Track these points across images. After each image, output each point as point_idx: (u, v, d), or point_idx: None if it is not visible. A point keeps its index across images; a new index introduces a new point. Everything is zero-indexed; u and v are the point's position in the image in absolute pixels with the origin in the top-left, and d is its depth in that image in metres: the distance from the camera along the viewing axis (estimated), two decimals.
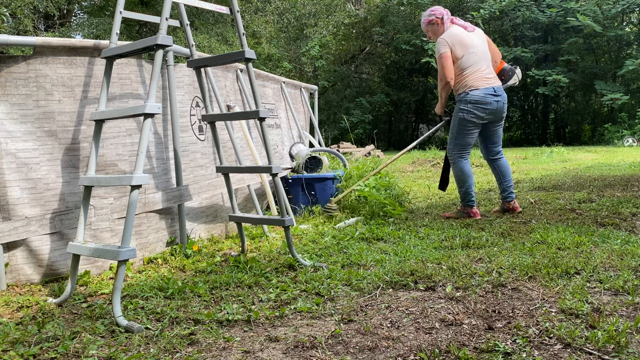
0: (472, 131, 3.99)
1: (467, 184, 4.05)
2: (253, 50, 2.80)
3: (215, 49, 15.00)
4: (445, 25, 4.07)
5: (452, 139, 4.07)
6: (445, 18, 4.07)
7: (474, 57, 3.93)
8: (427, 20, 4.15)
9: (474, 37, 4.01)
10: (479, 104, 3.89)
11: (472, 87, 3.90)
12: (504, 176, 4.21)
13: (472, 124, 3.95)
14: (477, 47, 3.97)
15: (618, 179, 6.28)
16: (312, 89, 6.37)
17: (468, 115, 3.92)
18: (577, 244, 3.03)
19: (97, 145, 2.49)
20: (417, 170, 9.63)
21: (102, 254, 2.22)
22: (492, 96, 3.91)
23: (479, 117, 3.92)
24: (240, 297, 2.33)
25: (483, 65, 3.95)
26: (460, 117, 3.97)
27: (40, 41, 2.58)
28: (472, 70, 3.92)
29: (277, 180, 2.93)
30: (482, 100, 3.89)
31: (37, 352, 1.78)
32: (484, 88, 3.90)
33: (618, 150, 13.31)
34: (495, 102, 3.93)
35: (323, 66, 21.44)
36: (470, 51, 3.92)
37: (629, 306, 2.02)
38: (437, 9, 4.12)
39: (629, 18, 20.92)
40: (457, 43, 3.92)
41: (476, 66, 3.92)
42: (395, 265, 2.71)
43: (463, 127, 3.97)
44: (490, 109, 3.92)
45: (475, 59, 3.93)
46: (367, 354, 1.72)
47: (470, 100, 3.90)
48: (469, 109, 3.91)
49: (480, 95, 3.89)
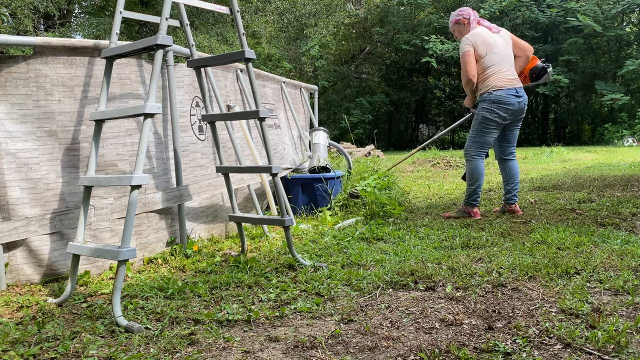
0: (492, 131, 4.02)
1: (478, 182, 4.08)
2: (253, 50, 2.80)
3: (215, 49, 15.00)
4: (472, 26, 4.12)
5: (472, 136, 4.10)
6: (472, 19, 4.13)
7: (496, 57, 3.96)
8: (454, 20, 4.20)
9: (498, 37, 4.05)
10: (501, 104, 3.92)
11: (495, 87, 3.93)
12: (512, 178, 4.22)
13: (494, 123, 3.97)
14: (500, 48, 4.01)
15: (618, 179, 6.28)
16: (312, 89, 6.37)
17: (491, 114, 3.95)
18: (577, 244, 3.03)
19: (97, 145, 2.49)
20: (417, 170, 9.63)
21: (102, 254, 2.22)
22: (514, 97, 3.94)
23: (501, 117, 3.95)
24: (240, 297, 2.33)
25: (505, 66, 3.98)
26: (482, 115, 3.99)
27: (40, 41, 2.58)
28: (495, 70, 3.95)
29: (277, 180, 2.93)
30: (505, 100, 3.92)
31: (37, 352, 1.78)
32: (506, 88, 3.93)
33: (618, 150, 13.31)
34: (517, 102, 3.96)
35: (323, 66, 21.45)
36: (493, 51, 3.96)
37: (629, 306, 2.02)
38: (465, 10, 4.19)
39: (629, 18, 20.92)
40: (480, 42, 3.97)
41: (498, 66, 3.96)
42: (395, 265, 2.71)
43: (485, 125, 4.00)
44: (512, 109, 3.95)
45: (498, 59, 3.97)
46: (367, 354, 1.72)
47: (494, 100, 3.93)
48: (492, 108, 3.94)
49: (503, 95, 3.92)
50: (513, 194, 4.21)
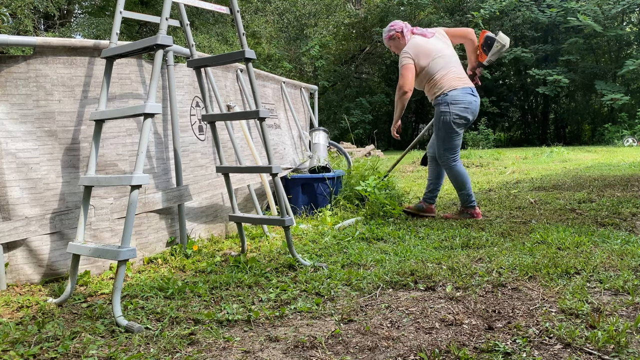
0: (459, 132, 3.91)
1: (468, 185, 4.01)
2: (253, 50, 2.80)
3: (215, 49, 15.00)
4: (407, 38, 4.03)
5: (441, 144, 3.95)
6: (405, 31, 4.04)
7: (441, 61, 3.88)
8: (388, 36, 4.13)
9: (436, 42, 3.98)
10: (459, 104, 3.83)
11: (450, 88, 3.84)
12: (439, 179, 4.18)
13: (456, 125, 3.86)
14: (442, 51, 3.93)
15: (618, 179, 6.28)
16: (312, 89, 6.37)
17: (451, 116, 3.83)
18: (577, 244, 3.03)
19: (97, 145, 2.49)
20: (417, 170, 9.63)
21: (102, 254, 2.22)
22: (471, 95, 3.87)
23: (461, 117, 3.85)
24: (240, 297, 2.33)
25: (453, 67, 3.90)
26: (443, 120, 3.87)
27: (40, 41, 2.58)
28: (444, 73, 3.87)
29: (277, 180, 2.93)
30: (462, 99, 3.83)
31: (37, 352, 1.78)
32: (461, 87, 3.84)
33: (618, 150, 13.32)
34: (475, 102, 3.89)
35: (323, 66, 21.45)
36: (436, 56, 3.88)
37: (629, 306, 2.02)
38: (396, 24, 4.10)
39: (629, 18, 20.92)
40: (420, 53, 3.88)
41: (446, 68, 3.88)
42: (395, 265, 2.71)
43: (450, 129, 3.88)
44: (471, 108, 3.86)
45: (443, 63, 3.89)
46: (367, 354, 1.72)
47: (451, 101, 3.83)
48: (451, 110, 3.83)
49: (459, 95, 3.83)
50: (435, 194, 4.19)
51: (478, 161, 10.58)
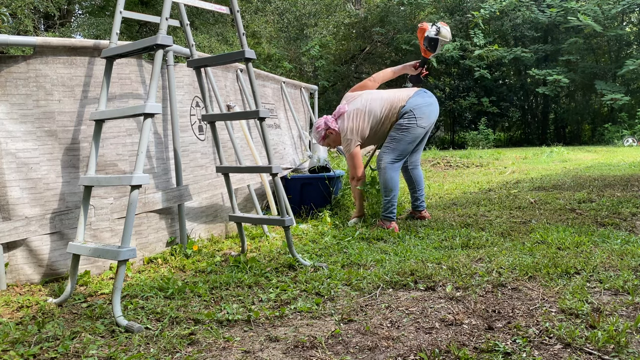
0: (418, 138, 3.82)
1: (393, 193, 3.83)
2: (253, 50, 2.80)
3: (215, 49, 14.99)
4: (335, 128, 3.94)
5: (393, 148, 3.79)
6: (332, 122, 3.95)
7: (372, 113, 3.80)
8: (321, 138, 4.03)
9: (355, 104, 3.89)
10: (423, 106, 3.76)
11: (405, 98, 3.78)
12: (418, 185, 4.12)
13: (421, 128, 3.77)
14: (366, 101, 3.85)
15: (618, 179, 6.28)
16: (312, 89, 6.37)
17: (419, 121, 3.74)
18: (577, 244, 3.02)
19: (97, 145, 2.49)
20: None
21: (102, 254, 2.22)
22: (428, 96, 3.83)
23: (427, 120, 3.78)
24: (240, 297, 2.33)
25: (384, 96, 3.85)
26: (409, 125, 3.75)
27: (40, 41, 2.58)
28: (385, 103, 3.80)
29: (277, 180, 2.93)
30: (423, 103, 3.77)
31: (37, 352, 1.78)
32: (414, 95, 3.79)
33: (618, 150, 13.31)
34: (432, 103, 3.83)
35: (323, 66, 21.43)
36: (368, 119, 3.80)
37: (629, 306, 2.02)
38: (321, 123, 3.99)
39: (629, 18, 20.92)
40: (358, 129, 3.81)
41: (381, 101, 3.82)
42: (395, 265, 2.71)
43: (411, 134, 3.76)
44: (431, 109, 3.80)
45: (376, 104, 3.82)
46: (367, 354, 1.72)
47: (413, 107, 3.75)
48: (416, 114, 3.74)
49: (419, 100, 3.77)
50: (421, 200, 4.13)
51: (478, 161, 10.58)
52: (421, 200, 4.14)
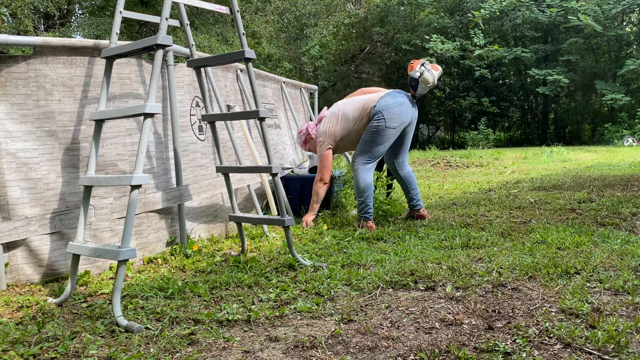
0: (389, 139, 3.79)
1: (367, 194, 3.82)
2: (253, 50, 2.80)
3: (215, 48, 14.99)
4: (314, 134, 4.03)
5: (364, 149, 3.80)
6: (311, 129, 4.06)
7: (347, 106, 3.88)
8: (302, 142, 4.15)
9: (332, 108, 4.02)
10: (393, 107, 3.73)
11: (377, 99, 3.78)
12: (410, 184, 4.10)
13: (391, 129, 3.74)
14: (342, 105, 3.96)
15: (618, 179, 6.28)
16: (312, 89, 6.37)
17: (388, 122, 3.71)
18: (577, 244, 3.03)
19: (97, 145, 2.49)
20: (417, 170, 9.63)
21: (102, 254, 2.22)
22: (401, 96, 3.81)
23: (398, 120, 3.74)
24: (240, 297, 2.33)
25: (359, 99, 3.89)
26: (378, 126, 3.73)
27: (40, 41, 2.58)
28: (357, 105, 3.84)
29: (277, 180, 2.93)
30: (393, 103, 3.75)
31: (37, 352, 1.78)
32: (385, 95, 3.79)
33: (618, 150, 13.31)
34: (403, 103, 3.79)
35: (323, 66, 21.44)
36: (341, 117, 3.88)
37: (629, 306, 2.02)
38: (302, 129, 4.13)
39: (629, 18, 20.93)
40: (330, 132, 3.89)
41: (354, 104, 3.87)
42: (395, 265, 2.71)
43: (381, 135, 3.73)
44: (402, 109, 3.76)
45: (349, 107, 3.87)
46: (367, 353, 1.72)
47: (382, 108, 3.72)
48: (385, 115, 3.71)
49: (389, 100, 3.76)
50: (417, 199, 4.11)
51: (478, 161, 10.58)
52: (417, 200, 4.13)
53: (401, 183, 4.17)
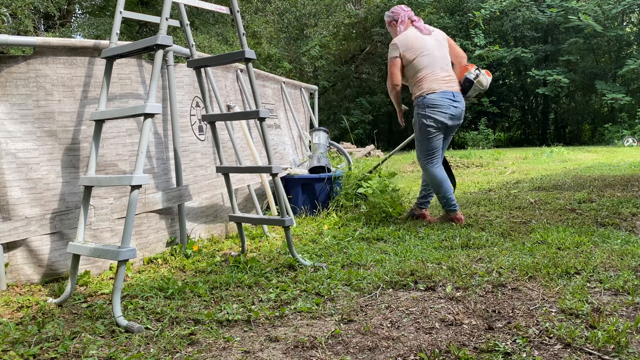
0: (435, 135, 3.79)
1: (443, 188, 3.86)
2: (253, 50, 2.80)
3: (215, 49, 15.00)
4: (399, 29, 3.92)
5: (418, 145, 3.88)
6: (401, 20, 3.92)
7: (427, 59, 3.77)
8: (387, 22, 4.06)
9: (429, 39, 3.85)
10: (436, 108, 3.72)
11: (429, 91, 3.74)
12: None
13: (432, 128, 3.76)
14: (432, 50, 3.81)
15: (618, 179, 6.28)
16: (312, 89, 6.37)
17: (427, 120, 3.74)
18: (577, 244, 3.03)
19: (97, 145, 2.49)
20: (417, 170, 9.63)
21: (102, 254, 2.22)
22: (450, 100, 3.74)
23: (437, 121, 3.74)
24: (240, 297, 2.33)
25: (437, 69, 3.78)
26: (420, 122, 3.79)
27: (41, 41, 2.58)
28: (426, 73, 3.77)
29: (277, 180, 2.93)
30: (439, 104, 3.72)
31: (37, 352, 1.78)
32: (441, 92, 3.73)
33: (618, 150, 13.32)
34: (454, 107, 3.76)
35: (323, 66, 21.44)
36: (422, 54, 3.77)
37: (629, 306, 2.02)
38: (395, 10, 3.99)
39: (629, 18, 20.94)
40: (407, 46, 3.79)
41: (430, 69, 3.77)
42: (395, 265, 2.71)
43: (425, 132, 3.79)
44: (450, 113, 3.75)
45: (429, 61, 3.77)
46: (367, 354, 1.72)
47: (428, 104, 3.73)
48: (427, 113, 3.73)
49: (437, 99, 3.72)
50: (427, 200, 4.09)
51: (478, 161, 10.58)
52: (427, 200, 4.11)
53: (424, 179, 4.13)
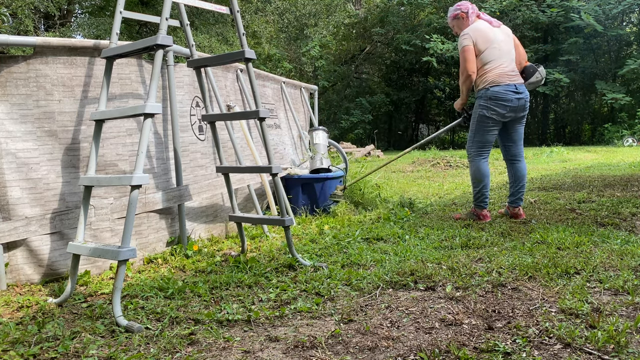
0: (491, 129, 3.87)
1: (483, 184, 3.92)
2: (253, 50, 2.80)
3: (215, 49, 15.00)
4: (470, 20, 4.01)
5: (471, 136, 3.96)
6: (471, 12, 4.02)
7: (495, 52, 3.84)
8: (453, 15, 4.11)
9: (499, 32, 3.94)
10: (499, 100, 3.79)
11: (493, 83, 3.80)
12: (518, 180, 4.05)
13: (492, 120, 3.84)
14: (500, 43, 3.88)
15: (618, 179, 6.28)
16: (312, 89, 6.37)
17: (488, 111, 3.82)
18: (577, 244, 3.02)
19: (97, 145, 2.49)
20: (417, 170, 9.63)
21: (102, 254, 2.22)
22: (513, 93, 3.80)
23: (499, 114, 3.81)
24: (240, 297, 2.33)
25: (505, 62, 3.85)
26: (479, 113, 3.87)
27: (41, 41, 2.58)
28: (494, 66, 3.83)
29: (277, 180, 2.93)
30: (502, 97, 3.78)
31: (37, 352, 1.78)
32: (505, 85, 3.80)
33: (618, 150, 13.32)
34: (517, 99, 3.82)
35: (323, 66, 21.45)
36: (492, 46, 3.84)
37: (629, 306, 2.02)
38: (464, 4, 4.07)
39: (629, 18, 20.94)
40: (480, 37, 3.85)
41: (498, 61, 3.83)
42: (395, 265, 2.71)
43: (483, 124, 3.86)
44: (511, 105, 3.81)
45: (497, 54, 3.84)
46: (367, 353, 1.72)
47: (490, 97, 3.80)
48: (489, 105, 3.81)
49: (500, 92, 3.79)
50: (517, 197, 4.05)
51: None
52: (517, 197, 4.05)
53: (510, 175, 4.12)
